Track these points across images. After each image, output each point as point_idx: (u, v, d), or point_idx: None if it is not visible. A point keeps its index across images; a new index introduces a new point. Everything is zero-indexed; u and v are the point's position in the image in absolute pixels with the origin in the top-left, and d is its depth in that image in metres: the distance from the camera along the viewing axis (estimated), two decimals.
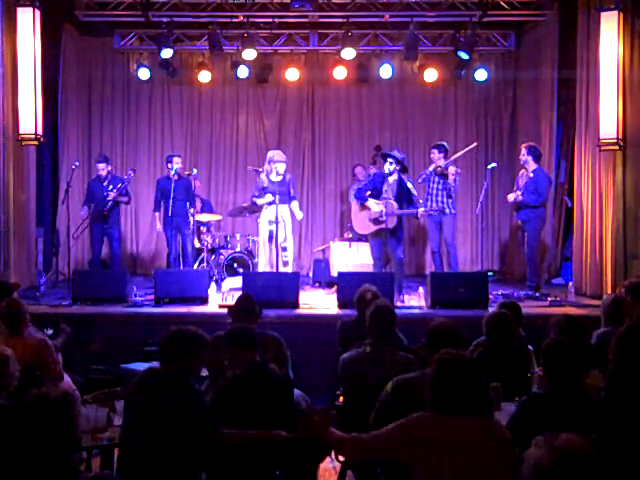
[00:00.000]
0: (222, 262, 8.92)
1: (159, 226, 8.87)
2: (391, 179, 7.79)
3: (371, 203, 7.71)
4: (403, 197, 7.72)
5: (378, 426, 3.40)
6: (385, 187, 7.76)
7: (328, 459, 4.94)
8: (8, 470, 2.41)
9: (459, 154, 8.86)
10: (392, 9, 9.46)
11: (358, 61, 10.12)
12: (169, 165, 8.73)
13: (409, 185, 7.81)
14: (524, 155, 8.08)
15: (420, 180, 8.67)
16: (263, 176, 8.38)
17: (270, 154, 8.58)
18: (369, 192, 7.83)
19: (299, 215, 8.59)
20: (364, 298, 4.88)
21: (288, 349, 4.65)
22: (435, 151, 8.60)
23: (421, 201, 8.18)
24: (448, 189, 8.40)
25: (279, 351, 4.45)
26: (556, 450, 1.83)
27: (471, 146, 9.05)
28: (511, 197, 8.16)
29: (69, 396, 2.45)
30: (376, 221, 7.69)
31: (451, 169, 8.39)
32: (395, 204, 7.64)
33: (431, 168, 8.58)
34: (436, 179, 8.51)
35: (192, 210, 8.75)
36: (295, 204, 8.44)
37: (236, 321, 4.51)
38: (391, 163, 7.75)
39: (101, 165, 8.86)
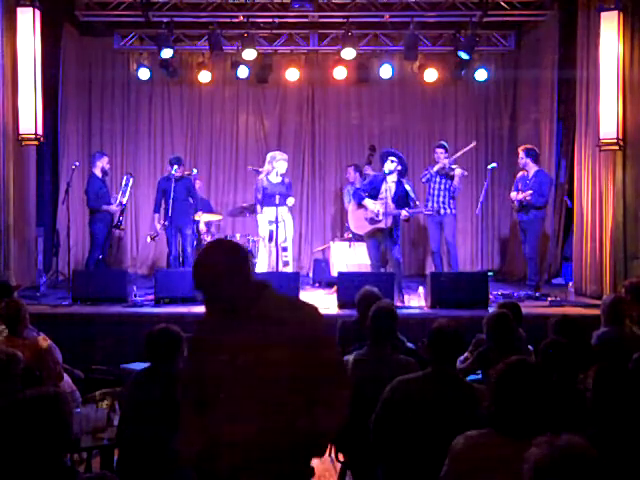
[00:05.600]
0: None
1: (158, 227, 8.84)
2: (390, 180, 7.75)
3: (368, 202, 7.69)
4: (401, 199, 7.68)
5: (379, 427, 3.42)
6: (384, 187, 7.73)
7: (328, 459, 4.95)
8: (2, 469, 2.41)
9: (459, 154, 8.85)
10: (392, 9, 9.47)
11: (358, 61, 10.13)
12: (171, 167, 8.73)
13: (407, 187, 7.75)
14: (523, 158, 8.08)
15: (424, 180, 8.63)
16: (263, 177, 8.37)
17: (272, 153, 8.58)
18: (367, 193, 7.81)
19: (290, 201, 8.47)
20: (366, 299, 4.87)
21: None
22: (442, 150, 8.59)
23: (417, 203, 8.10)
24: (452, 190, 8.39)
25: None
26: (557, 450, 1.83)
27: (470, 145, 9.03)
28: (519, 196, 8.06)
29: (62, 395, 2.45)
30: (372, 220, 7.67)
31: (458, 171, 8.37)
32: (392, 205, 7.59)
33: (436, 168, 8.53)
34: (438, 179, 8.49)
35: (197, 215, 8.75)
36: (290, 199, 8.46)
37: None
38: (392, 161, 7.69)
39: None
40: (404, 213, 7.56)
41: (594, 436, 2.35)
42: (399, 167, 7.72)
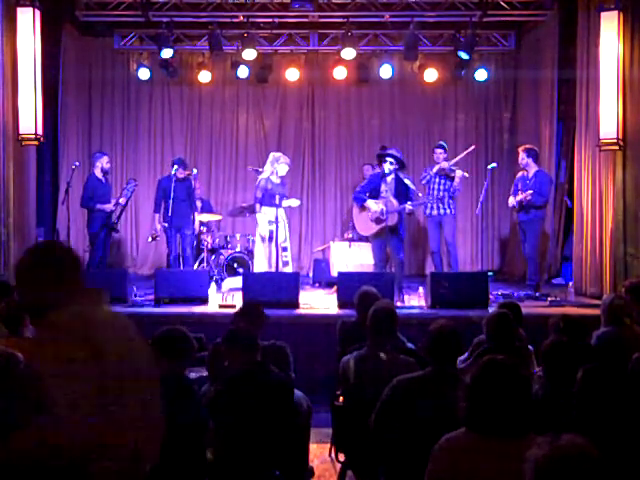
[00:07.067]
0: (222, 262, 8.92)
1: (158, 227, 8.81)
2: (389, 178, 7.79)
3: (370, 203, 7.72)
4: (402, 194, 7.72)
5: (378, 427, 3.42)
6: (383, 187, 7.76)
7: (328, 458, 4.95)
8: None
9: (458, 158, 8.83)
10: (392, 9, 9.47)
11: (358, 61, 10.14)
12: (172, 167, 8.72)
13: (407, 181, 7.79)
14: (524, 159, 8.08)
15: (424, 182, 8.65)
16: (265, 176, 8.37)
17: (276, 154, 8.57)
18: (367, 193, 7.83)
19: (295, 203, 8.66)
20: (364, 299, 4.87)
21: (291, 354, 4.62)
22: (442, 150, 8.62)
23: (420, 195, 8.10)
24: (452, 191, 8.40)
25: (283, 360, 4.40)
26: (558, 451, 1.82)
27: (469, 149, 9.01)
28: (512, 200, 8.08)
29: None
30: (378, 220, 7.69)
31: (458, 172, 8.39)
32: (395, 201, 7.64)
33: (435, 169, 8.55)
34: (437, 179, 8.50)
35: (196, 214, 8.77)
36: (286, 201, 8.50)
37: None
38: (391, 163, 7.75)
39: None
40: (408, 207, 7.61)
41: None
42: (396, 166, 7.78)
